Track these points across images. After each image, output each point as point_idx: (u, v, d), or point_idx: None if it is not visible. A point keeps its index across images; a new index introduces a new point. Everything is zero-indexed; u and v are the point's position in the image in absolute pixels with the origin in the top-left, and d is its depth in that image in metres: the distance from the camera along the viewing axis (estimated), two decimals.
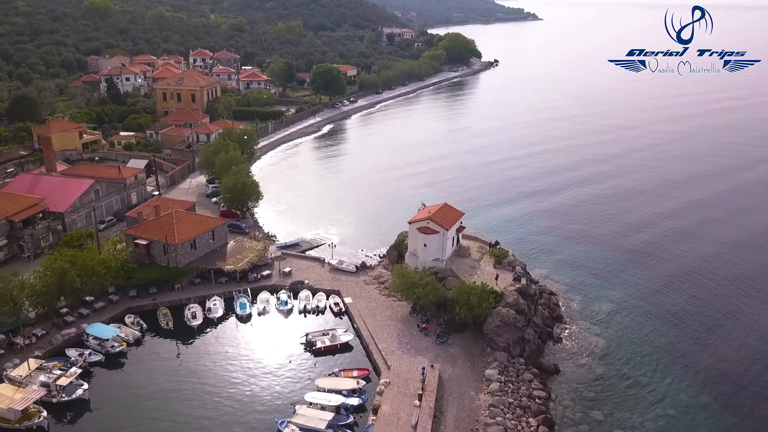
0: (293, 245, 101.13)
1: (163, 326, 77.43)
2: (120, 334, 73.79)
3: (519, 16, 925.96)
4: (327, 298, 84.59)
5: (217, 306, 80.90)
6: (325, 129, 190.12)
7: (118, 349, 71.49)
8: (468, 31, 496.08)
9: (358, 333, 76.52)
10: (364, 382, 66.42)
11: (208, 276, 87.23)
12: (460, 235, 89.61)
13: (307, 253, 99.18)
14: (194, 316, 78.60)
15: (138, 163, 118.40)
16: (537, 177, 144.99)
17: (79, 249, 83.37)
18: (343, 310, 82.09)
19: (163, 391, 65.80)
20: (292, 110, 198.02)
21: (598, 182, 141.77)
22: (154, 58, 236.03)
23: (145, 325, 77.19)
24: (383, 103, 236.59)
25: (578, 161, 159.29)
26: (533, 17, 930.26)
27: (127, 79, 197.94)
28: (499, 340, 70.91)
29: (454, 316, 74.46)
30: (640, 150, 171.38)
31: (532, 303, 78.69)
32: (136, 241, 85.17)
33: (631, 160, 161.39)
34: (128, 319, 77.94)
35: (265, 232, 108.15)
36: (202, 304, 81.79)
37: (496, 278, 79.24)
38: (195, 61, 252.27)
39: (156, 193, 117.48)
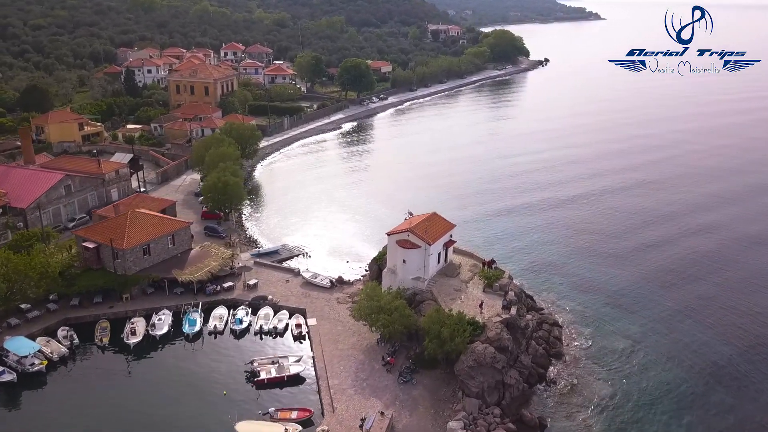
0: (272, 253, 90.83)
1: (98, 342, 68.39)
2: (44, 350, 65.18)
3: (580, 15, 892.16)
4: (289, 318, 73.78)
5: (162, 321, 71.21)
6: (346, 127, 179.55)
7: (36, 368, 62.76)
8: (523, 29, 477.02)
9: (314, 362, 65.33)
10: (299, 428, 55.13)
11: (164, 286, 77.93)
12: (450, 250, 76.96)
13: (285, 263, 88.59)
14: (133, 333, 69.13)
15: (122, 158, 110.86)
16: (562, 182, 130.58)
17: (27, 250, 75.82)
18: (304, 333, 71.03)
19: (69, 424, 56.44)
20: (315, 106, 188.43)
21: (631, 190, 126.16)
22: (183, 50, 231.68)
23: (77, 340, 68.29)
24: (416, 101, 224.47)
25: (611, 165, 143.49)
26: (595, 17, 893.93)
27: (149, 71, 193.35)
28: (471, 383, 58.21)
29: (424, 350, 62.33)
30: (680, 156, 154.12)
31: (523, 337, 65.51)
32: (84, 243, 76.64)
33: (671, 167, 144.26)
34: (61, 332, 69.16)
35: (248, 236, 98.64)
36: (149, 318, 72.46)
37: (481, 305, 66.30)
38: (226, 54, 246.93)
39: (142, 189, 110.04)
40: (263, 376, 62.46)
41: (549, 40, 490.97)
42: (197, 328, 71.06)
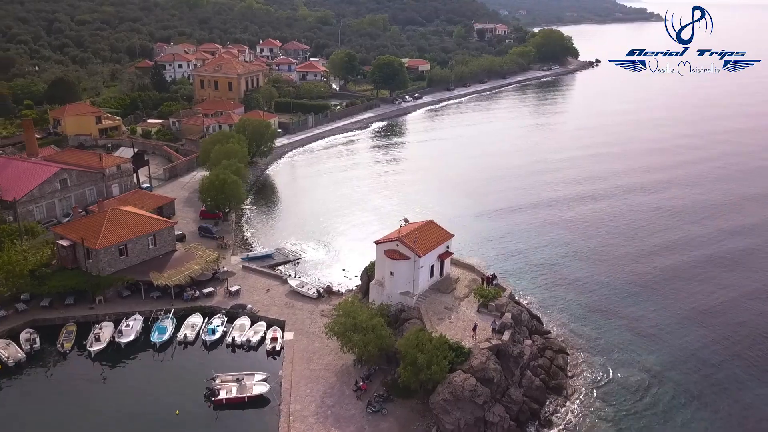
0: (264, 257, 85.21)
1: (59, 348, 64.05)
2: (1, 354, 61.29)
3: (640, 16, 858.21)
4: (266, 330, 67.79)
5: (130, 328, 66.41)
6: (374, 126, 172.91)
7: None
8: (578, 30, 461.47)
9: (281, 382, 59.06)
10: None
11: (141, 289, 73.33)
12: (447, 262, 69.43)
13: (278, 269, 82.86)
14: (97, 339, 64.56)
15: (126, 152, 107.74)
16: (591, 187, 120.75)
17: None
18: (279, 348, 64.89)
19: None
20: (345, 104, 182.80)
21: (668, 198, 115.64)
22: (219, 46, 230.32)
23: (38, 345, 64.12)
24: (452, 101, 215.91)
25: (648, 171, 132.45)
26: (657, 18, 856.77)
27: (180, 66, 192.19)
28: (446, 419, 50.76)
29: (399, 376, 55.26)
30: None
31: (516, 367, 57.44)
32: (59, 241, 72.85)
33: (711, 173, 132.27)
34: (24, 335, 65.08)
35: (244, 238, 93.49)
36: (119, 323, 67.79)
37: (474, 329, 58.55)
38: (262, 51, 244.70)
39: (146, 185, 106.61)
40: (222, 395, 56.70)
41: (604, 41, 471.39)
42: (166, 336, 65.90)
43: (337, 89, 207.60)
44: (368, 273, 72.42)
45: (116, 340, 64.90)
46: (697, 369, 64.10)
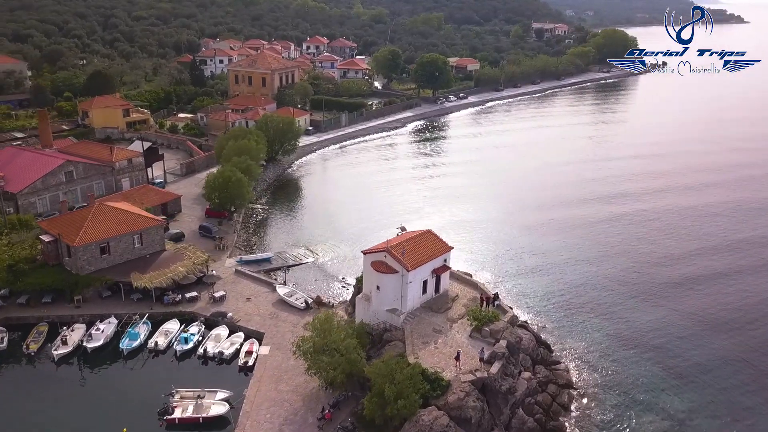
0: (261, 261, 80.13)
1: (24, 350, 60.62)
2: None
3: (719, 18, 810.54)
4: (243, 342, 62.39)
5: (100, 332, 62.31)
6: (411, 126, 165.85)
7: None
8: (649, 32, 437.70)
9: (243, 404, 53.37)
10: None
11: (125, 290, 69.42)
12: (444, 277, 62.06)
13: (272, 274, 77.46)
14: (64, 342, 60.79)
15: (139, 146, 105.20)
16: (637, 198, 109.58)
17: None
18: (252, 363, 59.28)
19: None
20: (383, 102, 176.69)
21: (721, 200, 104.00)
22: (264, 42, 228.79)
23: (4, 345, 61.03)
24: (500, 102, 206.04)
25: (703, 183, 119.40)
26: (737, 20, 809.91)
27: (221, 62, 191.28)
28: None
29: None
30: None
31: (506, 404, 49.59)
32: (41, 236, 69.90)
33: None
34: None
35: (247, 239, 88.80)
36: (92, 326, 63.99)
37: (457, 357, 51.02)
38: (308, 47, 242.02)
39: (159, 180, 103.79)
40: (177, 414, 51.58)
41: (674, 43, 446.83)
42: (136, 344, 61.43)
43: (380, 87, 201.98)
44: (359, 285, 66.02)
45: (84, 344, 61.03)
46: (729, 414, 54.49)
